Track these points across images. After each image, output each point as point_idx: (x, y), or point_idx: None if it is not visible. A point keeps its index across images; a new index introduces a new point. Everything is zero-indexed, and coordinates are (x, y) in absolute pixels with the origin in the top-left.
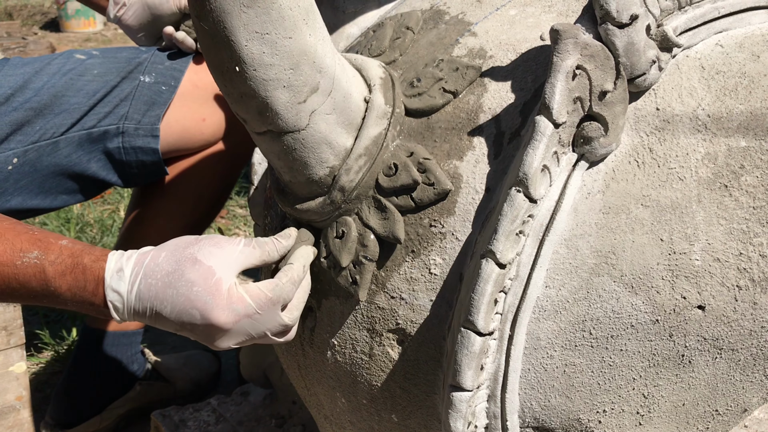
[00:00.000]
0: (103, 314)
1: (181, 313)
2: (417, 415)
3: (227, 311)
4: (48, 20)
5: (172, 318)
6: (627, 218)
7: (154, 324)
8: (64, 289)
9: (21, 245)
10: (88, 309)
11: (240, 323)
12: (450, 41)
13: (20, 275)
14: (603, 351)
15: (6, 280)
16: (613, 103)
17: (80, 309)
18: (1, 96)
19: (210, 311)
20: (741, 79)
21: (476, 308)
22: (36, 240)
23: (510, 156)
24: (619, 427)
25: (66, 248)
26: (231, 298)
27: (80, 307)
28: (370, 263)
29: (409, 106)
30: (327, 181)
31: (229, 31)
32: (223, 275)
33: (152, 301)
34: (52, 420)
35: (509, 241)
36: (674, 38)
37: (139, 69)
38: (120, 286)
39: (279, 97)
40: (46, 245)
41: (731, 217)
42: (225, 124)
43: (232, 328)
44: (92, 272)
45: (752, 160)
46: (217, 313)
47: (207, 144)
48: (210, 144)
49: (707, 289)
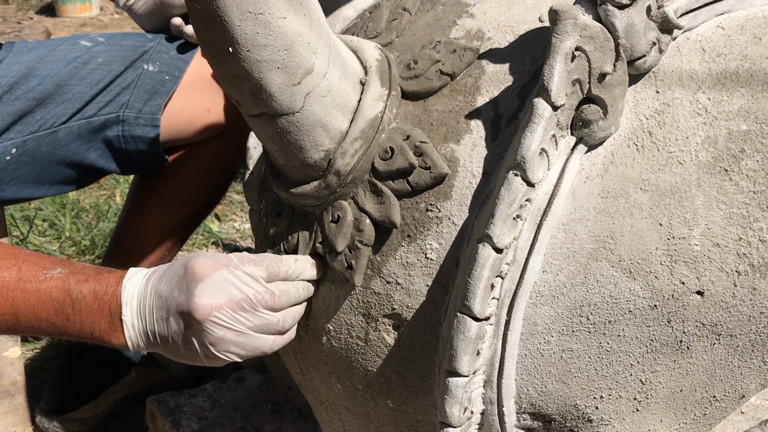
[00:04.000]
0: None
1: (171, 277)
2: (413, 401)
3: (207, 259)
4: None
5: (165, 293)
6: (626, 202)
7: (153, 328)
8: (86, 292)
9: (45, 264)
10: (103, 321)
11: (219, 273)
12: (447, 23)
13: (42, 289)
14: (600, 336)
15: (26, 296)
16: (612, 85)
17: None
18: (5, 85)
19: (191, 259)
20: (742, 61)
21: (472, 293)
22: (60, 262)
23: (508, 139)
24: (617, 412)
25: (89, 265)
26: (215, 255)
27: (98, 318)
28: (366, 248)
29: (406, 88)
30: (322, 164)
31: (221, 11)
32: (214, 254)
33: (153, 283)
34: (47, 406)
35: (506, 225)
36: (675, 20)
37: (143, 58)
38: (135, 279)
39: (273, 78)
40: (70, 264)
41: (731, 202)
42: (230, 114)
43: (210, 275)
44: (114, 276)
45: (753, 144)
46: (196, 259)
47: (211, 134)
48: (214, 134)
49: (706, 274)
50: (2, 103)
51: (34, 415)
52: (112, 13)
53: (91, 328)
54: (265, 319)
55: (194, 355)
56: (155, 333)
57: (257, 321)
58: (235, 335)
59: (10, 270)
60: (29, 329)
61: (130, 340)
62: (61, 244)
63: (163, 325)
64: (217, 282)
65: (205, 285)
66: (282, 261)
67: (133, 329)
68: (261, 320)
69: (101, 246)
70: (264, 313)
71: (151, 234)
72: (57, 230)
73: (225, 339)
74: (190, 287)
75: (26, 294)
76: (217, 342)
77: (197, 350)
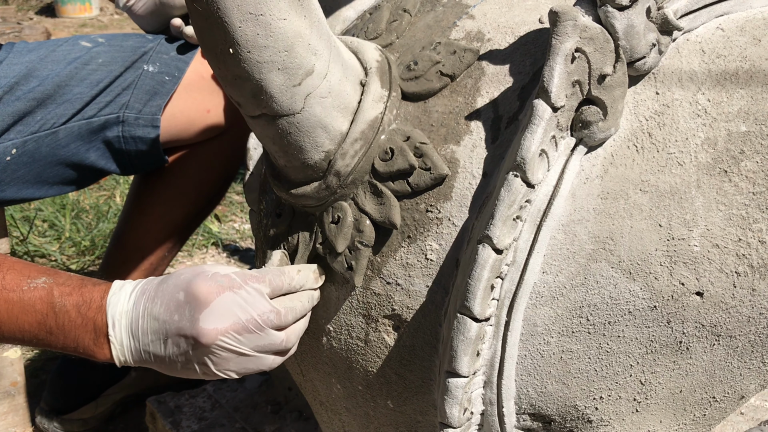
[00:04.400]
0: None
1: (168, 301)
2: (412, 402)
3: (210, 281)
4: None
5: (163, 316)
6: (625, 203)
7: (147, 348)
8: (69, 306)
9: (29, 273)
10: (87, 336)
11: (223, 297)
12: (447, 24)
13: (26, 299)
14: (600, 337)
15: (9, 306)
16: (612, 86)
17: (79, 339)
18: (6, 86)
19: (190, 282)
20: (742, 63)
21: (472, 294)
22: (45, 270)
23: (508, 140)
24: (616, 413)
25: (74, 276)
26: (215, 275)
27: (81, 333)
28: (366, 249)
29: (406, 89)
30: (322, 165)
31: (222, 12)
32: (211, 269)
33: (145, 305)
34: (47, 406)
35: (506, 226)
36: (675, 21)
37: (143, 58)
38: (121, 296)
39: (273, 79)
40: (54, 273)
41: (730, 203)
42: (230, 115)
43: (215, 300)
44: (98, 290)
45: (752, 145)
46: (197, 283)
47: (211, 135)
48: (214, 135)
49: (706, 275)
50: (2, 104)
51: (34, 415)
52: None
53: (75, 343)
54: (269, 339)
55: (191, 372)
56: (149, 353)
57: (261, 342)
58: (237, 356)
59: None
60: (12, 339)
61: (117, 359)
62: (61, 244)
63: (160, 346)
64: (222, 306)
65: (210, 311)
66: (284, 274)
67: (121, 347)
68: (265, 340)
69: (101, 246)
70: (269, 333)
71: (151, 234)
72: (57, 231)
73: (227, 359)
74: (194, 313)
75: (9, 304)
76: (218, 363)
77: (196, 369)
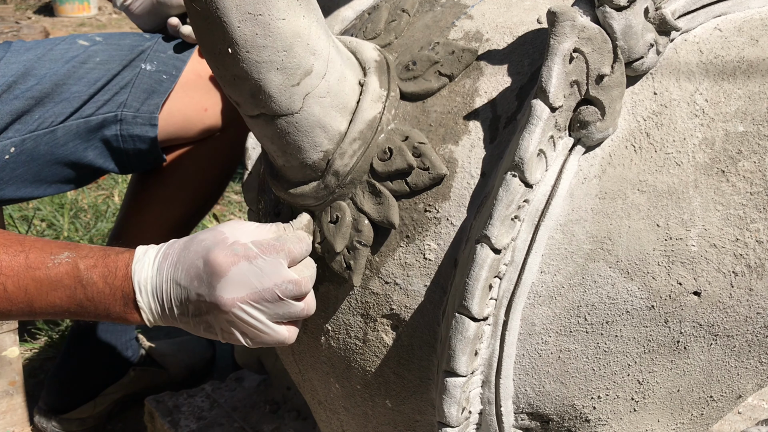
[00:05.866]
0: (130, 309)
1: (189, 267)
2: (411, 401)
3: (226, 250)
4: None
5: (184, 282)
6: (623, 203)
7: (173, 312)
8: (96, 278)
9: (51, 249)
10: (117, 304)
11: (239, 266)
12: (446, 24)
13: (52, 275)
14: (598, 337)
15: (37, 284)
16: (610, 86)
17: (110, 308)
18: (3, 85)
19: (209, 251)
20: (739, 63)
21: (471, 293)
22: (65, 245)
23: (506, 140)
24: (614, 413)
25: (96, 247)
26: (234, 244)
27: (111, 303)
28: (365, 248)
29: (405, 89)
30: (321, 165)
31: (221, 12)
32: (231, 234)
33: (168, 270)
34: (46, 406)
35: (504, 226)
36: (672, 21)
37: (141, 57)
38: (144, 262)
39: (272, 79)
40: (75, 246)
41: (728, 203)
42: (227, 114)
43: (230, 269)
44: (123, 258)
45: (750, 146)
46: (215, 252)
47: (208, 134)
48: (211, 134)
49: (703, 275)
50: (0, 103)
51: (32, 415)
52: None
53: (107, 311)
54: (288, 308)
55: (212, 335)
56: (175, 316)
57: (280, 310)
58: (257, 323)
59: (18, 257)
60: (45, 314)
61: (148, 321)
62: None
63: (183, 309)
64: (238, 275)
65: (227, 280)
66: (302, 241)
67: (150, 312)
68: (284, 309)
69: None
70: (288, 302)
71: (149, 233)
72: (55, 230)
73: (246, 326)
74: (212, 281)
75: (37, 282)
76: (237, 329)
77: (217, 333)
